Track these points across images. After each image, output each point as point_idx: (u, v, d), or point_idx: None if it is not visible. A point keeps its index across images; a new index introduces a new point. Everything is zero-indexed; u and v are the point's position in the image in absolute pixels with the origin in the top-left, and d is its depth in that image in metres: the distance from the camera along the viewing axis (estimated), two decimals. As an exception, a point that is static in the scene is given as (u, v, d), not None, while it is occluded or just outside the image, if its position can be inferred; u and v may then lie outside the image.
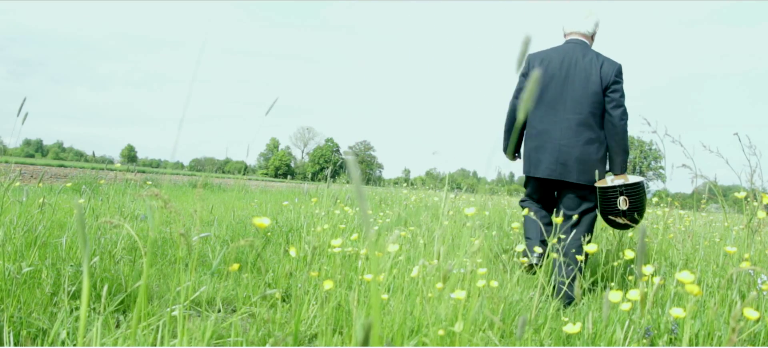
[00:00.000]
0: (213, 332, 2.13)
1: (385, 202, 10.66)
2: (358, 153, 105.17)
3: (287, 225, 5.24)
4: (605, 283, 4.00)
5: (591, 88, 3.67)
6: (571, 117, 3.69)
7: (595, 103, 3.68)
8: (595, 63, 3.71)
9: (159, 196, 1.77)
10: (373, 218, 6.17)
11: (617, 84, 3.67)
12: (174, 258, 3.54)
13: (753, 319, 1.78)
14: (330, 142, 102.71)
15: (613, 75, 3.67)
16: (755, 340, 2.52)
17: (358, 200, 0.65)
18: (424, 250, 3.31)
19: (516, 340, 1.70)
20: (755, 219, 3.12)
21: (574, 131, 3.67)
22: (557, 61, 3.78)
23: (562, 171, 3.69)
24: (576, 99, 3.69)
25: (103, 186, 5.17)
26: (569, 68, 3.74)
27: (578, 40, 3.89)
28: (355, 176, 0.66)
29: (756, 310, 2.61)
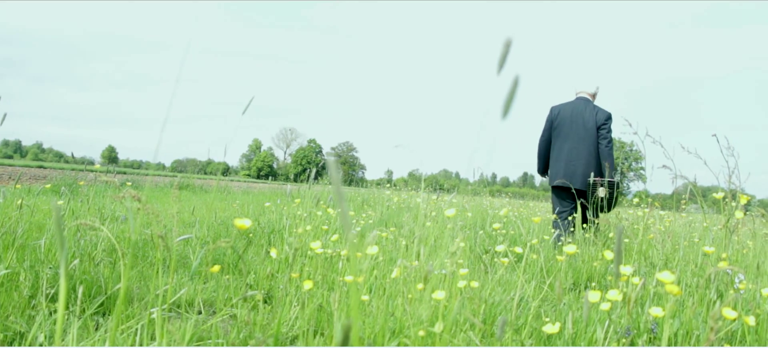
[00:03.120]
0: (193, 334, 2.11)
1: (367, 203, 10.66)
2: (340, 154, 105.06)
3: (269, 226, 5.22)
4: (586, 284, 4.02)
5: (590, 129, 5.77)
6: (579, 146, 5.80)
7: (593, 138, 5.77)
8: (593, 112, 5.82)
9: (136, 198, 1.76)
10: (355, 219, 6.16)
11: (606, 125, 5.75)
12: (154, 260, 3.51)
13: (731, 319, 1.79)
14: (312, 143, 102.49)
15: (603, 120, 5.76)
16: (732, 339, 2.54)
17: (338, 201, 0.65)
18: (406, 251, 3.31)
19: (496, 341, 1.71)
20: (733, 219, 3.15)
21: (578, 156, 5.78)
22: (569, 112, 5.93)
23: (569, 182, 5.77)
24: (580, 136, 5.80)
25: (83, 187, 5.13)
26: (576, 116, 5.86)
27: (584, 97, 6.01)
28: (335, 178, 0.66)
29: (733, 310, 2.64)
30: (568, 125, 5.86)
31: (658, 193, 7.76)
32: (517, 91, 0.75)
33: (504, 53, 0.82)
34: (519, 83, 0.75)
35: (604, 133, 5.70)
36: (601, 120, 5.70)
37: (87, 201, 4.32)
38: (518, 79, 0.76)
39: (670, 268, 3.59)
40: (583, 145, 5.74)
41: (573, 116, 5.83)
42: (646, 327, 2.58)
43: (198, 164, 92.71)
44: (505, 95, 0.75)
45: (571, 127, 5.82)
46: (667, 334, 2.30)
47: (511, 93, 0.75)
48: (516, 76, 0.76)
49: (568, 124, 5.85)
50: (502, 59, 0.82)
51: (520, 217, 8.05)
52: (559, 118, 5.97)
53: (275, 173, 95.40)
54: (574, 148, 5.78)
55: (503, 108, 0.75)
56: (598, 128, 5.72)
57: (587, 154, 5.71)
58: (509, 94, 0.75)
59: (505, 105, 0.75)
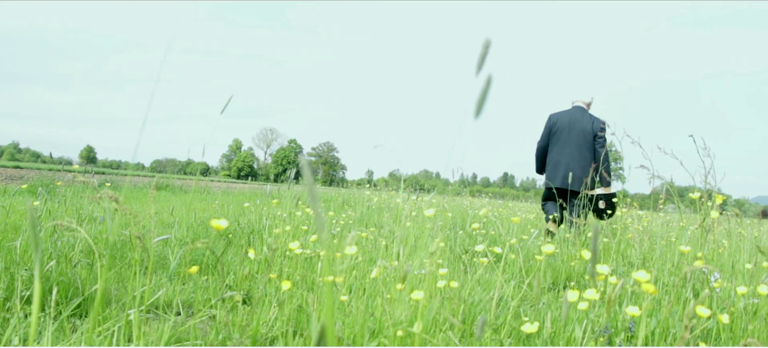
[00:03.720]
0: (171, 335, 2.10)
1: (348, 203, 10.65)
2: (321, 154, 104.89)
3: (249, 227, 5.20)
4: (565, 283, 4.04)
5: (586, 136, 6.25)
6: (573, 152, 6.27)
7: (588, 143, 6.26)
8: (589, 120, 6.31)
9: (114, 198, 1.74)
10: (335, 219, 6.16)
11: (602, 132, 6.20)
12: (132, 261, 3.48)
13: (705, 317, 1.81)
14: (293, 144, 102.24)
15: (599, 128, 6.21)
16: (708, 337, 2.57)
17: (311, 202, 0.65)
18: (386, 251, 3.31)
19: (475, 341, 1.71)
20: (709, 219, 3.18)
21: (575, 160, 6.24)
22: (566, 119, 6.39)
23: (566, 183, 6.18)
24: (578, 142, 6.26)
25: (61, 188, 5.08)
26: (574, 124, 6.32)
27: (580, 106, 6.51)
28: (308, 178, 0.66)
29: (708, 308, 2.67)
30: (566, 132, 6.33)
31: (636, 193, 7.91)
32: (489, 92, 0.76)
33: (483, 54, 0.83)
34: (492, 83, 0.76)
35: (600, 140, 6.22)
36: (597, 128, 6.21)
37: (64, 202, 4.28)
38: (491, 80, 0.76)
39: (648, 267, 3.63)
40: (580, 151, 6.24)
41: (570, 124, 6.32)
42: (623, 325, 2.60)
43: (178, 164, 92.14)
44: (478, 95, 0.76)
45: (569, 134, 6.30)
46: (644, 333, 2.33)
47: (483, 93, 0.76)
48: (489, 77, 0.77)
49: (566, 131, 6.32)
50: (480, 60, 0.82)
51: (499, 218, 8.08)
52: (557, 125, 6.43)
53: (255, 173, 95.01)
54: (572, 154, 6.26)
55: (476, 108, 0.75)
56: (595, 135, 6.23)
57: (584, 159, 6.21)
58: (482, 94, 0.76)
59: (478, 105, 0.75)
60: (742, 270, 3.15)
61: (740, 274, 3.17)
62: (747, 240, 4.03)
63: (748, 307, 2.58)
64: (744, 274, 3.10)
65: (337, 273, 2.46)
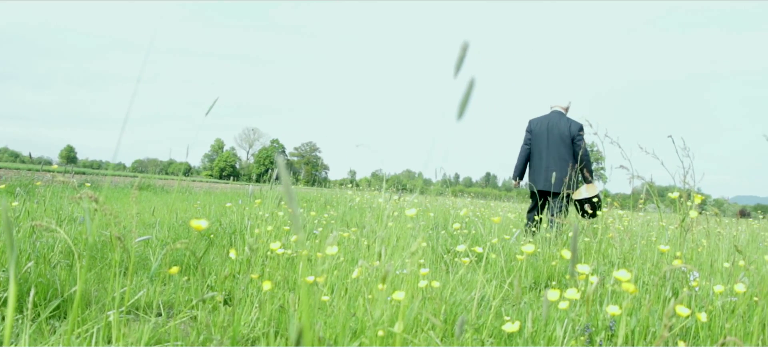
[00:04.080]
0: (151, 336, 2.09)
1: (330, 203, 10.64)
2: (303, 154, 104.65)
3: (231, 227, 5.18)
4: (546, 283, 4.07)
5: (564, 138, 6.53)
6: (555, 153, 6.54)
7: (567, 146, 6.53)
8: (567, 124, 6.57)
9: (94, 198, 1.73)
10: (317, 219, 6.15)
11: (579, 135, 6.50)
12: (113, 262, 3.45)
13: (684, 316, 1.83)
14: (276, 143, 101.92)
15: (576, 130, 6.51)
16: (687, 335, 2.59)
17: (288, 202, 0.65)
18: (368, 251, 3.32)
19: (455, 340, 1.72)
20: (688, 218, 3.21)
21: (555, 162, 6.51)
22: (545, 124, 6.66)
23: (548, 185, 6.49)
24: (556, 145, 6.54)
25: (40, 188, 5.03)
26: (552, 128, 6.59)
27: (557, 111, 6.75)
28: (284, 178, 0.66)
29: (687, 307, 2.69)
30: (545, 136, 6.63)
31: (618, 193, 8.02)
32: (472, 94, 0.76)
33: (461, 56, 0.83)
34: (474, 86, 0.76)
35: (578, 142, 6.50)
36: (575, 130, 6.50)
37: (43, 202, 4.24)
38: (474, 82, 0.77)
39: (628, 266, 3.65)
40: (560, 153, 6.53)
41: (549, 128, 6.61)
42: (604, 324, 2.62)
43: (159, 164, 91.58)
44: (461, 97, 0.76)
45: (549, 138, 6.60)
46: (624, 332, 2.34)
47: (466, 95, 0.76)
48: (471, 79, 0.77)
49: (546, 135, 6.62)
50: (459, 62, 0.82)
51: (481, 218, 8.10)
52: (536, 130, 6.74)
53: (238, 174, 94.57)
54: (551, 157, 6.56)
55: (458, 109, 0.76)
56: (573, 138, 6.52)
57: (563, 161, 6.49)
58: (465, 95, 0.76)
59: (461, 107, 0.76)
60: (720, 269, 3.18)
61: (718, 272, 3.20)
62: (725, 239, 4.07)
63: (725, 306, 2.60)
64: (722, 272, 3.13)
65: (318, 273, 2.46)
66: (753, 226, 6.69)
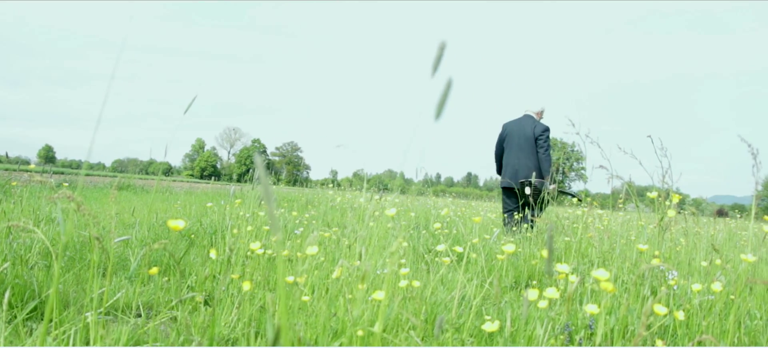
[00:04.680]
0: (130, 337, 2.07)
1: (311, 203, 10.62)
2: (285, 154, 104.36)
3: (212, 227, 5.16)
4: (527, 282, 4.08)
5: (529, 140, 6.97)
6: (520, 154, 7.01)
7: (532, 147, 6.97)
8: (532, 126, 7.02)
9: (72, 199, 1.71)
10: (298, 219, 6.13)
11: (542, 136, 6.93)
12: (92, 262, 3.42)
13: (661, 315, 1.85)
14: (257, 143, 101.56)
15: (540, 132, 6.95)
16: (665, 333, 2.62)
17: (265, 201, 0.65)
18: (348, 251, 3.31)
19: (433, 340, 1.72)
20: (666, 218, 3.24)
21: (521, 162, 6.97)
22: (515, 127, 7.16)
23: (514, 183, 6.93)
24: (522, 145, 7.01)
25: (16, 188, 4.98)
26: (520, 130, 7.08)
27: (529, 115, 7.21)
28: (262, 177, 0.66)
29: (666, 305, 2.72)
30: (514, 138, 7.13)
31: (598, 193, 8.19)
32: (449, 94, 0.76)
33: (438, 55, 0.83)
34: (452, 86, 0.77)
35: (541, 143, 6.95)
36: (538, 132, 6.97)
37: (21, 202, 4.19)
38: (451, 82, 0.77)
39: (607, 265, 3.68)
40: (524, 153, 7.00)
41: (518, 130, 7.12)
42: (583, 323, 2.64)
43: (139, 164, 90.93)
44: (439, 97, 0.76)
45: (517, 140, 7.09)
46: (602, 330, 2.36)
47: (443, 95, 0.76)
48: (449, 79, 0.77)
49: (515, 136, 7.12)
50: (436, 62, 0.83)
51: (462, 217, 8.13)
52: (507, 132, 7.27)
53: (219, 173, 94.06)
54: (517, 156, 7.05)
55: (436, 109, 0.76)
56: (536, 139, 6.97)
57: (527, 160, 6.96)
58: (442, 96, 0.76)
59: (438, 107, 0.76)
60: (698, 268, 3.21)
61: (696, 271, 3.24)
62: (703, 238, 4.11)
63: (703, 304, 2.63)
64: (700, 271, 3.16)
65: (299, 273, 2.45)
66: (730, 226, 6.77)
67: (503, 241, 4.64)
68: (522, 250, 4.56)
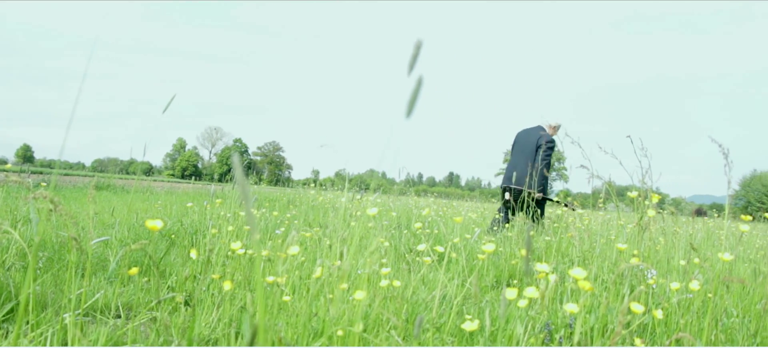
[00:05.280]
0: (109, 338, 2.06)
1: (293, 203, 10.59)
2: (267, 153, 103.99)
3: (192, 227, 5.13)
4: (508, 281, 4.10)
5: (531, 147, 7.37)
6: (519, 161, 7.45)
7: (532, 154, 7.33)
8: (536, 135, 7.45)
9: (49, 199, 1.70)
10: (279, 219, 6.12)
11: (542, 147, 7.25)
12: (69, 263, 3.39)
13: (638, 313, 1.86)
14: (238, 143, 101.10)
15: (542, 141, 7.31)
16: (644, 331, 2.64)
17: (243, 201, 0.65)
18: (330, 250, 3.31)
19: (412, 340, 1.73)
20: (645, 217, 3.27)
21: (517, 168, 7.35)
22: (525, 134, 7.64)
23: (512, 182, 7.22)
24: (523, 152, 7.45)
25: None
26: (527, 138, 7.55)
27: (541, 126, 7.63)
28: (240, 177, 0.65)
29: (644, 304, 2.74)
30: (519, 145, 7.67)
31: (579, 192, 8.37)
32: (420, 92, 0.76)
33: (414, 54, 0.83)
34: (422, 84, 0.77)
35: (540, 152, 7.32)
36: (540, 142, 7.38)
37: (-3, 202, 4.15)
38: (422, 80, 0.77)
39: (587, 265, 3.71)
40: (522, 160, 7.42)
41: (525, 138, 7.61)
42: (563, 322, 2.65)
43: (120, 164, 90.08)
44: (409, 95, 0.77)
45: (520, 147, 7.61)
46: (580, 329, 2.37)
47: (414, 93, 0.77)
48: (420, 78, 0.77)
49: (520, 144, 7.65)
50: (412, 60, 0.83)
51: (443, 217, 8.15)
52: (516, 139, 7.80)
53: (200, 173, 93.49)
54: (515, 162, 7.54)
55: (407, 108, 0.76)
56: (537, 148, 7.36)
57: (523, 167, 7.33)
58: (413, 94, 0.77)
59: (409, 105, 0.76)
60: (676, 266, 3.24)
61: (675, 270, 3.27)
62: (682, 238, 4.15)
63: (681, 302, 2.66)
64: (678, 270, 3.19)
65: (279, 273, 2.44)
66: (708, 225, 6.83)
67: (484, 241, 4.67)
68: (503, 249, 4.58)
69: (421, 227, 3.62)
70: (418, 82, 0.77)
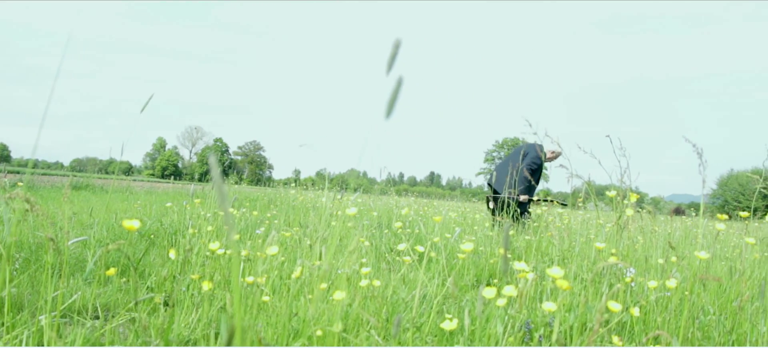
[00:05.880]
0: (86, 340, 2.04)
1: (273, 202, 10.56)
2: (247, 153, 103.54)
3: (172, 227, 5.10)
4: (488, 280, 4.11)
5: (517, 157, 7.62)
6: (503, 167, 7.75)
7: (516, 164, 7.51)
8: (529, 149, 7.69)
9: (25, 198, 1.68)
10: (259, 219, 6.10)
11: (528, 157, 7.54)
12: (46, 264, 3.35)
13: (615, 311, 1.87)
14: (219, 142, 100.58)
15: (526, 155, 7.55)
16: (623, 329, 2.66)
17: (219, 202, 0.65)
18: (310, 250, 3.30)
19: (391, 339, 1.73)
20: (624, 216, 3.30)
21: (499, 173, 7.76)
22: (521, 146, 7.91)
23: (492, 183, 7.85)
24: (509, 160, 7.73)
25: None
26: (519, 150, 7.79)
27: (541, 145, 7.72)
28: (216, 176, 0.65)
29: (623, 303, 2.77)
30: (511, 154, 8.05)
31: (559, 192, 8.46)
32: (400, 93, 0.76)
33: (393, 54, 0.83)
34: (402, 84, 0.77)
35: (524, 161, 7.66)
36: (524, 154, 7.77)
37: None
38: (402, 81, 0.77)
39: (567, 264, 3.73)
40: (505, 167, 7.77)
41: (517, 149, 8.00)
42: (543, 321, 2.67)
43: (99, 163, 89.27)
44: (389, 96, 0.77)
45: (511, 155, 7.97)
46: (563, 328, 2.39)
47: (394, 94, 0.77)
48: (399, 78, 0.77)
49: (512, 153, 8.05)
50: (391, 60, 0.83)
51: (423, 217, 8.17)
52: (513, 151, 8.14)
53: (180, 173, 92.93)
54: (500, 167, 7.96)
55: (387, 108, 0.76)
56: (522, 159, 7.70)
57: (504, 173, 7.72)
58: (392, 94, 0.76)
59: (389, 105, 0.76)
60: (654, 265, 3.27)
61: (653, 268, 3.30)
62: (660, 236, 4.19)
63: (659, 300, 2.68)
64: (657, 268, 3.22)
65: (258, 273, 2.44)
66: (687, 224, 6.90)
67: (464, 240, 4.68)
68: (483, 248, 4.59)
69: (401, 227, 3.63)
70: (398, 82, 0.77)
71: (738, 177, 64.79)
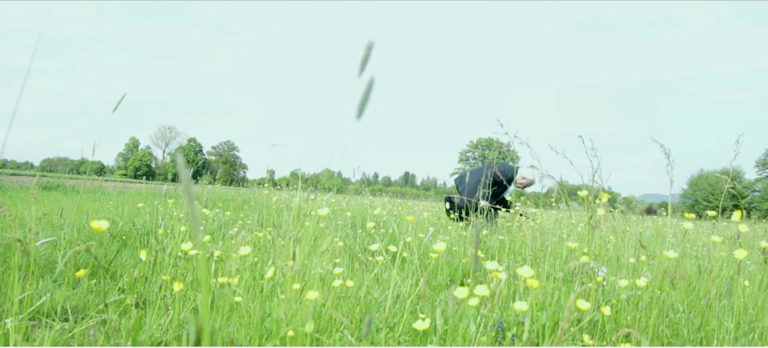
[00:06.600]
0: (55, 342, 2.01)
1: (247, 203, 10.51)
2: (221, 153, 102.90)
3: (145, 228, 5.05)
4: (462, 280, 4.13)
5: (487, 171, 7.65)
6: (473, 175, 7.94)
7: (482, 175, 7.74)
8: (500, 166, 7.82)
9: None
10: (233, 220, 6.07)
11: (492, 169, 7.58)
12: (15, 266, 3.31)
13: (585, 310, 1.89)
14: (192, 142, 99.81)
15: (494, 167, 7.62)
16: (594, 328, 2.69)
17: (186, 200, 0.64)
18: (283, 251, 3.29)
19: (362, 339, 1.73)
20: (595, 216, 3.33)
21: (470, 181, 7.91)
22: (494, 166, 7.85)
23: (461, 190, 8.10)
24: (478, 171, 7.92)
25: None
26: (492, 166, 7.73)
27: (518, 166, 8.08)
28: (183, 176, 0.65)
29: (594, 302, 2.79)
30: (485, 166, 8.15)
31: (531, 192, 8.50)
32: (371, 94, 0.77)
33: (365, 55, 0.83)
34: (374, 85, 0.77)
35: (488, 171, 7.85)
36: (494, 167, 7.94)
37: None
38: (373, 82, 0.77)
39: (539, 263, 3.75)
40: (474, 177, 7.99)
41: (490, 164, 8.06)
42: (516, 320, 2.68)
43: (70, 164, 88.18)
44: (360, 97, 0.77)
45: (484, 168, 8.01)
46: (534, 327, 2.41)
47: (365, 95, 0.77)
48: (371, 79, 0.77)
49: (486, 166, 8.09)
50: (363, 61, 0.83)
51: (397, 217, 8.18)
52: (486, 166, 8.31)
53: (153, 173, 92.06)
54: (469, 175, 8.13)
55: (358, 109, 0.76)
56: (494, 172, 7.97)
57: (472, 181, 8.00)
58: (363, 95, 0.77)
59: (360, 106, 0.76)
60: (626, 264, 3.30)
61: (625, 267, 3.33)
62: (631, 236, 4.23)
63: (630, 299, 2.71)
64: (628, 267, 3.25)
65: (231, 274, 2.42)
66: (658, 223, 6.99)
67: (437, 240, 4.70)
68: (457, 248, 4.61)
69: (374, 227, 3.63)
70: (369, 83, 0.77)
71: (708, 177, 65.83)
